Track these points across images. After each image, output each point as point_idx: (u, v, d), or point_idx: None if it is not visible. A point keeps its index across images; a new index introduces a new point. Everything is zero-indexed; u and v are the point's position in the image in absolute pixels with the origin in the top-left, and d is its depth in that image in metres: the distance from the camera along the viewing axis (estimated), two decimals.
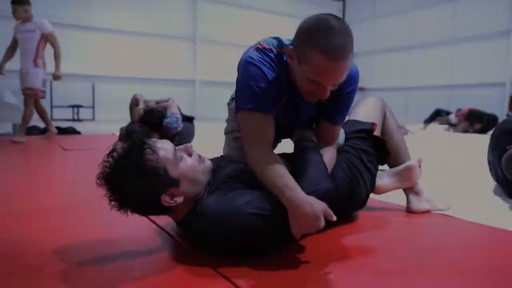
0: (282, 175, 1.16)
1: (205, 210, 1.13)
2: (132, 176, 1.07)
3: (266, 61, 1.28)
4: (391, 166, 1.73)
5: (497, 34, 10.96)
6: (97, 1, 10.86)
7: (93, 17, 10.82)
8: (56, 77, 4.68)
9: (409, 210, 1.71)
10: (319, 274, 1.06)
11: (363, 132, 1.58)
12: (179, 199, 1.14)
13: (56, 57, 4.74)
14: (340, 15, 14.77)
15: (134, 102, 3.96)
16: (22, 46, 4.70)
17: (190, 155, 1.21)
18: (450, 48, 12.05)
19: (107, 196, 1.10)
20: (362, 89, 14.39)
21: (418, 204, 1.71)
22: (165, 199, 1.12)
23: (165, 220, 1.50)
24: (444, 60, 12.21)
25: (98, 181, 1.10)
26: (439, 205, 1.74)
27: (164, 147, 1.14)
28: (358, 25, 14.73)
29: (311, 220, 1.09)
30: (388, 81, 13.69)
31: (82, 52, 10.77)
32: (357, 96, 1.51)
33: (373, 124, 1.60)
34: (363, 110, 1.68)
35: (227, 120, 1.77)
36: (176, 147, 1.20)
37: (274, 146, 1.48)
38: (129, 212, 1.13)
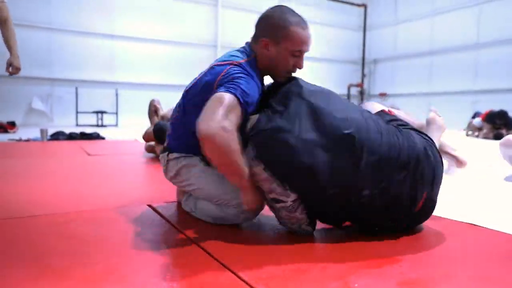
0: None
1: None
2: None
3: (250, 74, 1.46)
4: None
5: None
6: (121, 10, 11.14)
7: (117, 25, 11.09)
8: (13, 68, 2.83)
9: None
10: (344, 283, 1.06)
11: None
12: None
13: (9, 35, 2.79)
14: (361, 20, 14.70)
15: (153, 109, 3.93)
16: None
17: None
18: (475, 52, 11.78)
19: None
20: (384, 94, 14.21)
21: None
22: None
23: (188, 227, 1.52)
24: (468, 65, 11.94)
25: None
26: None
27: None
28: (380, 30, 14.61)
29: None
30: (410, 86, 13.48)
31: (107, 60, 11.05)
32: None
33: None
34: None
35: None
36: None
37: None
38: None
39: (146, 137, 3.70)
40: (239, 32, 12.93)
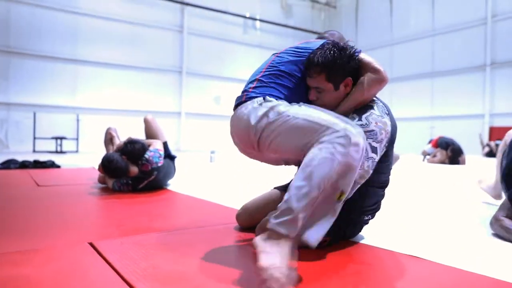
0: None
1: None
2: None
3: None
4: None
5: (474, 68, 11.34)
6: (83, 34, 10.98)
7: (79, 50, 10.90)
8: None
9: None
10: None
11: None
12: None
13: None
14: None
15: (108, 137, 3.79)
16: None
17: None
18: (430, 80, 12.41)
19: None
20: None
21: None
22: None
23: (131, 271, 1.45)
24: (425, 92, 12.53)
25: None
26: None
27: None
28: None
29: None
30: None
31: (68, 84, 10.79)
32: None
33: None
34: None
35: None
36: None
37: None
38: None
39: (100, 169, 3.56)
40: (204, 58, 13.03)
